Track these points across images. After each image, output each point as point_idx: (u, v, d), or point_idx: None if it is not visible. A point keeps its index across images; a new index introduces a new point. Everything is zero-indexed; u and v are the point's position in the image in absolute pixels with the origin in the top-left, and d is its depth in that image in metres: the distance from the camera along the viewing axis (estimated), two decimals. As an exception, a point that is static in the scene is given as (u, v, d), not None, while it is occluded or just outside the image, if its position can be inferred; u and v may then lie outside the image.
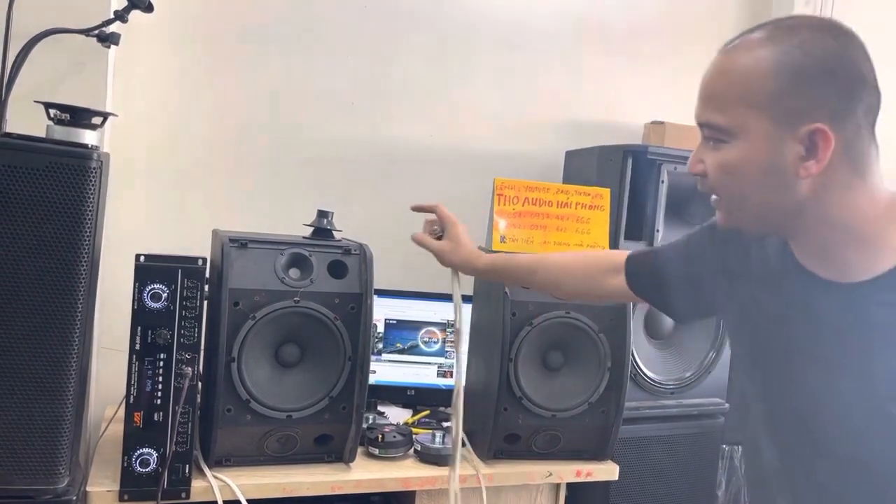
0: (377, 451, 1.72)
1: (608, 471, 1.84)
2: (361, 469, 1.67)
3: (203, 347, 1.52)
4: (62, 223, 1.26)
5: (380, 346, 2.09)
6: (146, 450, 1.45)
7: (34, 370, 1.27)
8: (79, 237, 1.27)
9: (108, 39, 1.57)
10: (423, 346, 2.14)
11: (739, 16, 2.64)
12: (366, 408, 1.67)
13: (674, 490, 2.06)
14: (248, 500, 1.52)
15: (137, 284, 1.44)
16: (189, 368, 1.46)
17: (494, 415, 1.73)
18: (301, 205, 1.84)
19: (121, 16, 1.57)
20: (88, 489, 1.45)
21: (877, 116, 0.86)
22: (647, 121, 2.35)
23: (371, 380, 1.70)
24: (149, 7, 1.59)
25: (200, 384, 1.56)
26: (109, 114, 1.47)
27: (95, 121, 1.40)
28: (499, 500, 1.78)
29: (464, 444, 1.82)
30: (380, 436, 1.73)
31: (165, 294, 1.45)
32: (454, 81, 2.33)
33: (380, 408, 2.02)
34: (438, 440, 1.77)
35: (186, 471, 1.49)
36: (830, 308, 0.87)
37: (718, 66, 0.88)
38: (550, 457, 1.81)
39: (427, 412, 2.04)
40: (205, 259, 1.50)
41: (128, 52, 1.86)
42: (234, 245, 1.56)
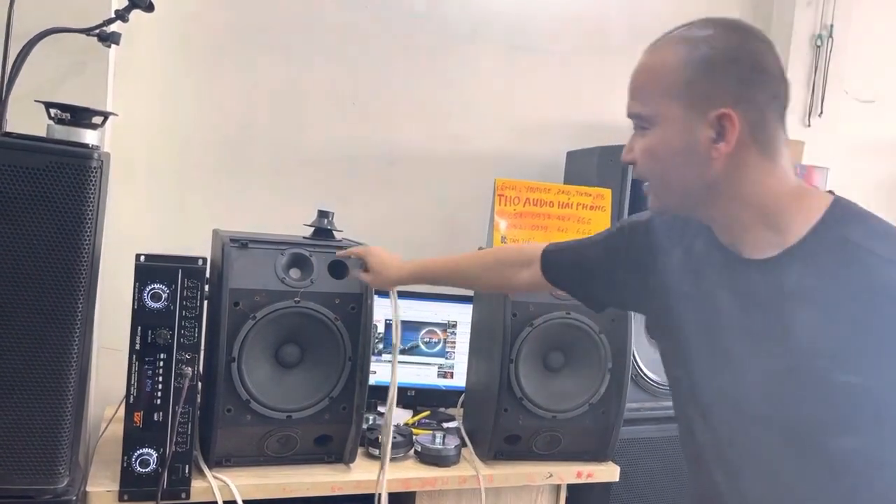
0: (377, 452, 1.72)
1: (609, 472, 1.84)
2: (361, 469, 1.67)
3: (203, 347, 1.52)
4: (62, 223, 1.26)
5: (380, 347, 2.09)
6: (146, 450, 1.45)
7: (34, 370, 1.27)
8: (79, 237, 1.27)
9: (109, 39, 1.57)
10: (424, 347, 2.14)
11: (741, 17, 2.64)
12: (366, 408, 1.67)
13: (674, 491, 2.05)
14: (249, 501, 1.52)
15: (137, 284, 1.44)
16: (189, 368, 1.46)
17: (495, 415, 1.73)
18: (301, 205, 1.83)
19: (121, 15, 1.57)
20: (88, 489, 1.45)
21: (785, 105, 0.95)
22: (648, 121, 2.34)
23: (371, 380, 1.69)
24: (149, 7, 1.58)
25: (200, 384, 1.56)
26: (110, 113, 1.47)
27: (96, 120, 1.39)
28: (499, 501, 1.78)
29: (464, 445, 1.82)
30: (380, 436, 1.72)
31: (166, 294, 1.44)
32: (454, 81, 2.33)
33: (380, 408, 2.02)
34: (439, 441, 1.77)
35: (186, 471, 1.48)
36: (750, 282, 0.96)
37: (641, 63, 0.99)
38: (551, 458, 1.81)
39: (427, 413, 2.04)
40: (205, 259, 1.50)
41: (128, 52, 1.86)
42: (235, 245, 1.56)
